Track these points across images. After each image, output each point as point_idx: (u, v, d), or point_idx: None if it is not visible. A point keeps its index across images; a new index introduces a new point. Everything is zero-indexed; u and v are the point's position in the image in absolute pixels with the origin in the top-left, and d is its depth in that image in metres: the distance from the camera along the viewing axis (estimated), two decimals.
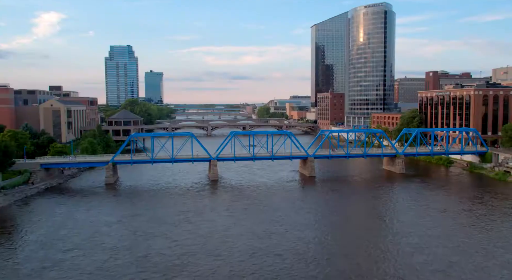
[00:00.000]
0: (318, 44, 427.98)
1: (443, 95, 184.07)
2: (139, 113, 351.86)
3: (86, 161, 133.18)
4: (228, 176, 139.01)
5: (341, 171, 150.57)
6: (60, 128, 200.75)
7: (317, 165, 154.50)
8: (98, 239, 73.38)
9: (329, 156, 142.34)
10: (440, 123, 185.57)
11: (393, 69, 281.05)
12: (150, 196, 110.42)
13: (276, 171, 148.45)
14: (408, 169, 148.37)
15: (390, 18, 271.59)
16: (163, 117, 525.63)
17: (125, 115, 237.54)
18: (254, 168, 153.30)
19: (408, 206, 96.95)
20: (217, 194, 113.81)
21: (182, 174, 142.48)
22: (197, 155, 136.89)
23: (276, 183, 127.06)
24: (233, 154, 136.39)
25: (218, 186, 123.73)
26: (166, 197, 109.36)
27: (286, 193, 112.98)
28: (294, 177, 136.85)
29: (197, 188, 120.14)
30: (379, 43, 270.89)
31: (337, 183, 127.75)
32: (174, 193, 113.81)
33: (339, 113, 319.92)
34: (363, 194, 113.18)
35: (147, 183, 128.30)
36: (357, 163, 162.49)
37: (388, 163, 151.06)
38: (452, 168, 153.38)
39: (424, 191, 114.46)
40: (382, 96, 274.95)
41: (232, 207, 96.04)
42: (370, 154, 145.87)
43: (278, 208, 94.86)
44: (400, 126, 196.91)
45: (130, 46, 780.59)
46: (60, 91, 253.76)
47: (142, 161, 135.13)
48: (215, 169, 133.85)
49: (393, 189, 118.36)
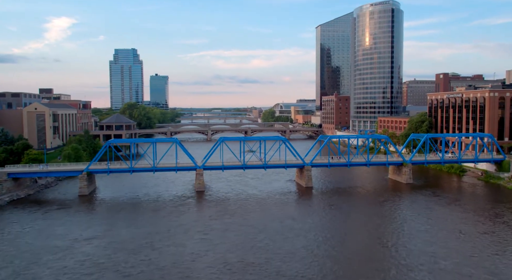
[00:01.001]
0: (324, 45, 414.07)
1: (455, 98, 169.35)
2: (138, 117, 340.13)
3: (58, 169, 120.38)
4: (217, 186, 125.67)
5: (342, 180, 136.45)
6: (45, 133, 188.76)
7: (316, 174, 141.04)
8: (32, 272, 60.09)
9: (328, 164, 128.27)
10: (452, 128, 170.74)
11: (401, 70, 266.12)
12: (122, 211, 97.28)
13: (270, 180, 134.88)
14: (416, 178, 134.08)
15: (398, 16, 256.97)
16: (166, 121, 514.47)
17: (117, 119, 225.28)
18: (247, 177, 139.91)
19: (416, 227, 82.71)
20: (198, 209, 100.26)
21: (166, 184, 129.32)
22: (183, 163, 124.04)
23: (268, 195, 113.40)
24: (221, 162, 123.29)
25: (202, 199, 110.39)
26: (140, 212, 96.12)
27: (277, 208, 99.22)
28: (289, 188, 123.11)
29: (178, 201, 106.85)
30: (386, 43, 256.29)
31: (336, 196, 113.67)
32: (151, 207, 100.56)
33: (344, 117, 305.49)
34: (365, 210, 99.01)
35: (125, 195, 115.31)
36: (360, 172, 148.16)
37: (394, 172, 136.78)
38: (466, 178, 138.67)
39: (434, 206, 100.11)
40: (390, 99, 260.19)
41: (210, 227, 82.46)
42: (373, 162, 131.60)
43: (263, 228, 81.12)
44: (407, 131, 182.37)
45: (135, 50, 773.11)
46: (51, 94, 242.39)
47: (120, 170, 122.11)
48: (201, 179, 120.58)
49: (399, 204, 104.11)
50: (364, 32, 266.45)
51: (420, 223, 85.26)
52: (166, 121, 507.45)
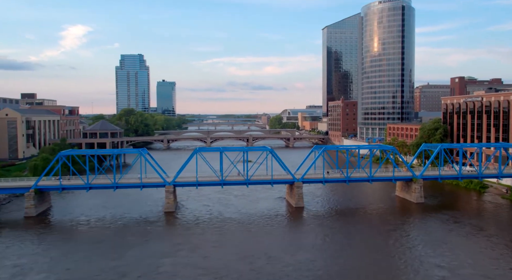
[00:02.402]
0: (331, 48, 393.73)
1: (474, 102, 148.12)
2: (134, 124, 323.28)
3: (1, 186, 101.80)
4: (191, 206, 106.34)
5: (340, 199, 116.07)
6: (17, 141, 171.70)
7: (310, 190, 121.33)
8: None
9: (323, 180, 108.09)
10: (470, 136, 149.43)
11: (413, 74, 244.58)
12: (57, 242, 78.44)
13: (257, 199, 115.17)
14: (428, 196, 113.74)
15: (409, 14, 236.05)
16: (170, 128, 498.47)
17: (102, 126, 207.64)
18: (231, 194, 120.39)
19: (427, 268, 62.32)
20: (154, 240, 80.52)
21: (131, 203, 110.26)
22: (152, 177, 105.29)
23: (249, 219, 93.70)
24: (196, 177, 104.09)
25: (166, 225, 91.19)
26: (79, 242, 77.26)
27: (253, 240, 79.48)
28: (276, 209, 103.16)
29: (137, 227, 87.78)
30: (396, 44, 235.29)
31: (331, 220, 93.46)
32: (98, 236, 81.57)
33: (351, 124, 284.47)
34: (365, 240, 78.65)
35: (79, 216, 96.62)
36: (362, 188, 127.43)
37: (402, 188, 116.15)
38: (487, 196, 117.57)
39: (451, 235, 79.58)
40: (400, 105, 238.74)
41: (154, 271, 62.93)
42: (377, 178, 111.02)
43: (223, 275, 61.32)
44: (419, 140, 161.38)
45: (142, 55, 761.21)
46: (33, 99, 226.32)
47: (75, 186, 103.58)
48: (171, 198, 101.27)
49: (408, 232, 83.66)
50: (372, 32, 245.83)
51: (432, 260, 64.80)
52: (170, 128, 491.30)
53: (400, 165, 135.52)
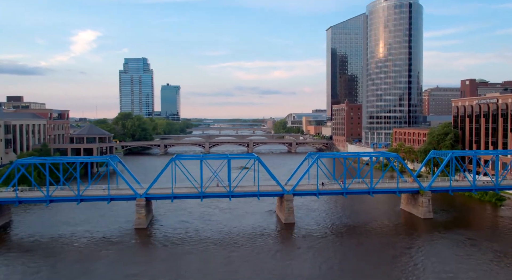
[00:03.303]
0: (335, 49, 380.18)
1: (488, 104, 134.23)
2: (131, 128, 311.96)
3: None
4: (168, 222, 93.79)
5: (337, 213, 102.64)
6: None
7: (304, 203, 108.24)
8: None
9: (317, 192, 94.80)
10: (484, 142, 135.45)
11: (421, 76, 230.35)
12: (6, 265, 66.14)
13: (244, 213, 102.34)
14: (438, 210, 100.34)
15: (416, 12, 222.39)
16: (173, 132, 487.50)
17: (89, 131, 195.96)
18: (217, 206, 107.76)
19: None
20: (104, 267, 67.86)
21: (103, 217, 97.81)
22: (123, 189, 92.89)
23: (231, 239, 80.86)
24: (171, 189, 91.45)
25: (131, 246, 78.49)
26: (12, 272, 64.81)
27: (227, 267, 66.53)
28: (264, 226, 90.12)
29: (93, 249, 75.26)
30: (403, 43, 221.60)
31: (325, 241, 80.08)
32: (49, 259, 69.10)
33: (356, 128, 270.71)
34: (364, 272, 65.38)
35: (38, 232, 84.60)
36: (362, 200, 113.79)
37: (408, 201, 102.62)
38: (505, 209, 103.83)
39: (469, 263, 66.00)
40: (407, 108, 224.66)
41: None
42: (379, 190, 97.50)
43: None
44: (427, 145, 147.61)
45: (145, 59, 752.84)
46: (19, 102, 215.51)
47: (33, 199, 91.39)
48: (142, 213, 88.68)
49: (415, 259, 69.97)
50: (378, 31, 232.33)
51: None
52: (172, 133, 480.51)
53: (405, 173, 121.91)
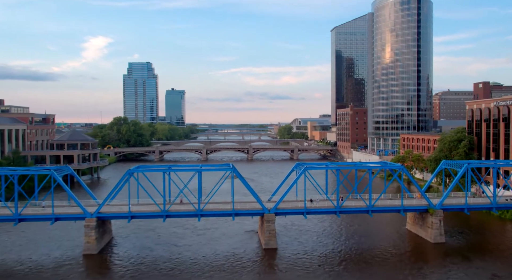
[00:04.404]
0: (340, 51, 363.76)
1: (508, 106, 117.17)
2: (126, 133, 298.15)
3: None
4: (126, 246, 78.43)
5: (330, 236, 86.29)
6: None
7: (292, 221, 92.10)
8: None
9: (304, 210, 78.66)
10: (504, 150, 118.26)
11: (431, 78, 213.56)
12: None
13: (221, 234, 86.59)
14: (450, 231, 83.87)
15: (426, 9, 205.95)
16: (175, 138, 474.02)
17: (71, 136, 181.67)
18: (192, 225, 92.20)
19: None
20: None
21: (45, 240, 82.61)
22: (73, 207, 77.76)
23: (194, 270, 65.14)
24: (128, 207, 76.07)
25: (72, 277, 63.07)
26: None
27: None
28: (241, 252, 74.24)
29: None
30: (411, 42, 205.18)
31: (312, 276, 64.01)
32: None
33: (362, 133, 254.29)
34: None
35: None
36: (361, 218, 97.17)
37: (415, 221, 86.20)
38: None
39: None
40: (416, 112, 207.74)
41: None
42: (379, 208, 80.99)
43: None
44: (438, 153, 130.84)
45: (150, 63, 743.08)
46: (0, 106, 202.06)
47: None
48: (92, 236, 73.39)
49: None
50: (384, 30, 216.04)
51: None
52: (175, 138, 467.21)
53: (414, 185, 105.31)
